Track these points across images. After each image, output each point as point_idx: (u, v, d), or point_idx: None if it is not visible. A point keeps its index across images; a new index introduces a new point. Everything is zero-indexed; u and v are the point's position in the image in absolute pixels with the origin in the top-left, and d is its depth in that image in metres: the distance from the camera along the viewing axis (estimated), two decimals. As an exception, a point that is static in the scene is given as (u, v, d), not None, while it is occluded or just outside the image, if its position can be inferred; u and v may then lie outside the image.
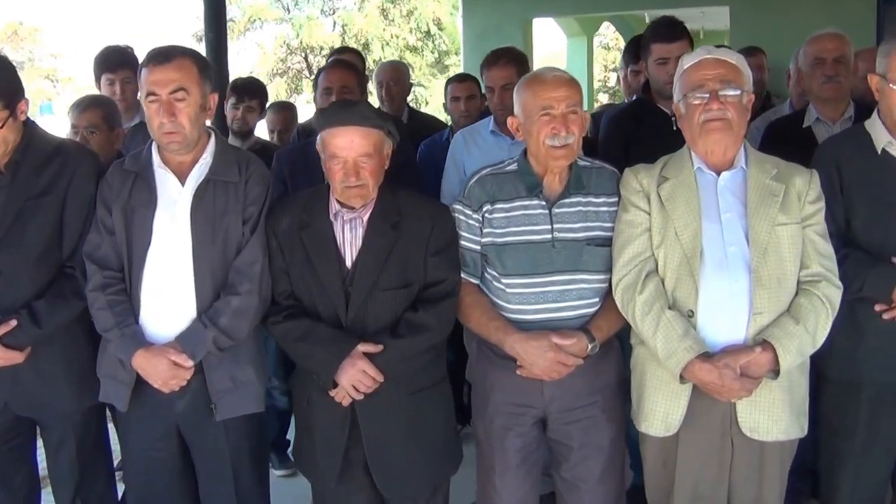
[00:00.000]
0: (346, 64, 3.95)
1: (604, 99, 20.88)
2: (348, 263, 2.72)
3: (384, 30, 19.76)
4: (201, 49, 4.71)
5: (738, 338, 2.55)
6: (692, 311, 2.57)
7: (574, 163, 2.76)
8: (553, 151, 2.67)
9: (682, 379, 2.57)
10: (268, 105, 4.84)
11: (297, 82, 21.96)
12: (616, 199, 2.74)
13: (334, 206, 2.75)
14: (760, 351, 2.51)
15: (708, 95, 2.58)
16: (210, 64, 2.80)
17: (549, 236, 2.70)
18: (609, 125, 3.80)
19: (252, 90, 4.49)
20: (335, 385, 2.68)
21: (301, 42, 19.11)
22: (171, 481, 2.88)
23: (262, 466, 3.00)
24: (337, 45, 19.61)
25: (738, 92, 2.59)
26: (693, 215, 2.61)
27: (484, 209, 2.75)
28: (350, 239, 2.73)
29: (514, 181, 2.76)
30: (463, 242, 2.78)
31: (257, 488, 2.94)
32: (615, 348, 2.83)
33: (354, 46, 19.31)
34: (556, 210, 2.71)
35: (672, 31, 3.73)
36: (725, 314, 2.56)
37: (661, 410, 2.65)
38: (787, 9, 8.28)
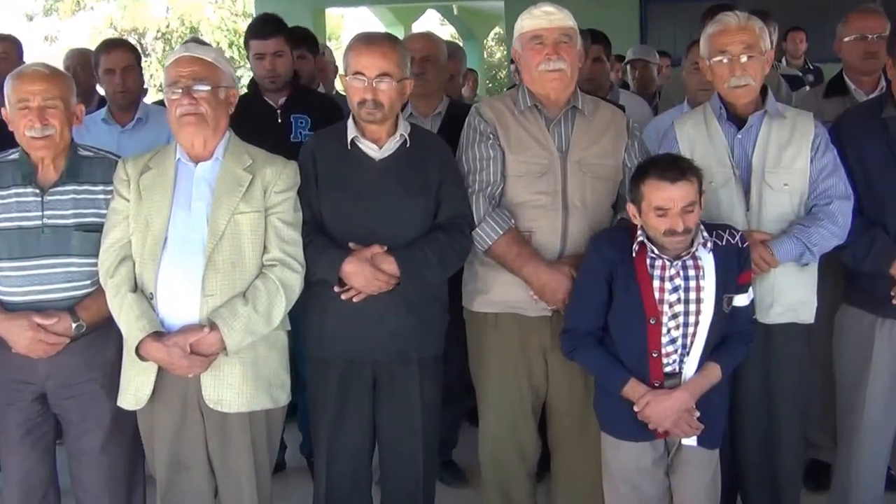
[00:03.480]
0: None
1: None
2: None
3: (214, 12, 19.61)
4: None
5: (194, 318, 2.75)
6: (153, 294, 2.76)
7: (74, 152, 2.92)
8: (33, 143, 2.83)
9: (140, 357, 2.75)
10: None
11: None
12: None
13: None
14: (208, 331, 2.71)
15: (181, 91, 2.78)
16: None
17: (40, 222, 2.85)
18: None
19: None
20: None
21: (127, 23, 18.81)
22: None
23: None
24: (163, 27, 19.37)
25: (209, 88, 2.79)
26: (165, 203, 2.80)
27: None
28: None
29: (13, 170, 2.90)
30: None
31: None
32: (115, 328, 2.99)
33: (182, 29, 19.17)
34: (49, 197, 2.86)
35: (265, 28, 3.96)
36: (182, 296, 2.75)
37: (133, 385, 2.83)
38: (558, 2, 8.63)
